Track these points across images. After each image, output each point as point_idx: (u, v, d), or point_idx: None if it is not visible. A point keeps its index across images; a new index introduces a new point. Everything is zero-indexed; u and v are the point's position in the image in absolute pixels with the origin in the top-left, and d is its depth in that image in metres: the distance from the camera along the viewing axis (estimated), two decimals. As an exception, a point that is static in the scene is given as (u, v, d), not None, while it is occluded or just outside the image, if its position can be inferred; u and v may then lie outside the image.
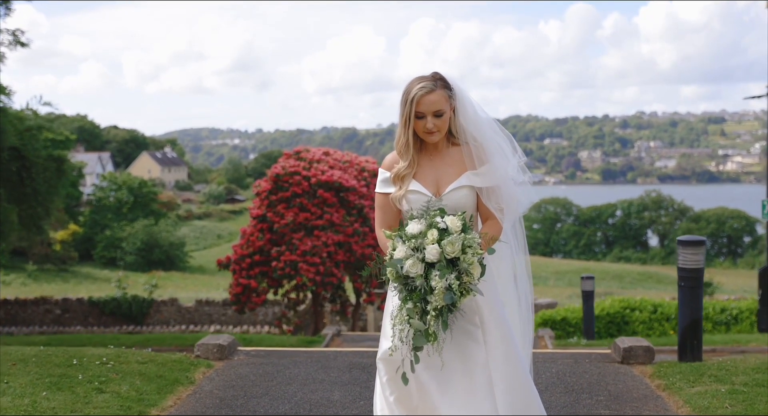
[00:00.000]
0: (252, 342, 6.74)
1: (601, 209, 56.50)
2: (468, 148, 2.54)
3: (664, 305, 9.97)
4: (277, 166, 10.87)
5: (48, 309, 17.20)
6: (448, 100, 2.49)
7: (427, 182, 2.54)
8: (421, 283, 2.27)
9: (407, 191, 2.53)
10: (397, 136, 2.56)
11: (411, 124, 2.49)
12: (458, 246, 2.27)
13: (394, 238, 2.37)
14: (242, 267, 10.44)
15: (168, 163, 68.34)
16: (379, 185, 2.62)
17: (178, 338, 6.88)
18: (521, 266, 2.71)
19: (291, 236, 10.27)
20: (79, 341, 7.07)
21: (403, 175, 2.54)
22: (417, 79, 2.51)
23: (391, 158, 2.63)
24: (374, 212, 3.07)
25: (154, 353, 4.75)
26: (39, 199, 14.40)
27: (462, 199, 2.51)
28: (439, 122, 2.48)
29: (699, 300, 4.58)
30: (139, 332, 15.09)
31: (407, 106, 2.47)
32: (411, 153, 2.54)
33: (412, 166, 2.55)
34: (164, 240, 34.00)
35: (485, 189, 2.52)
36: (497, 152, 2.55)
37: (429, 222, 2.34)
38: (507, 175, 2.54)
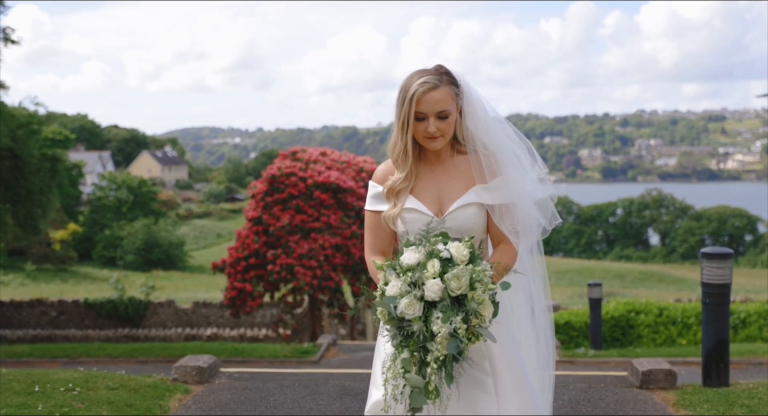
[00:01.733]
0: (244, 352, 6.52)
1: (602, 208, 56.36)
2: (477, 158, 2.09)
3: (670, 308, 9.75)
4: (273, 167, 10.63)
5: (43, 311, 16.99)
6: (454, 99, 2.05)
7: (427, 198, 2.10)
8: (420, 328, 1.82)
9: (403, 209, 2.09)
10: (392, 142, 2.11)
11: (409, 128, 2.04)
12: (465, 280, 1.82)
13: (386, 270, 1.90)
14: (237, 271, 10.21)
15: (168, 162, 68.27)
16: (370, 201, 2.17)
17: (166, 348, 6.65)
18: (539, 297, 2.24)
19: (287, 239, 10.04)
20: (63, 351, 6.84)
21: (399, 190, 2.10)
22: (417, 72, 2.05)
23: (384, 168, 2.17)
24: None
25: (127, 376, 4.34)
26: (34, 198, 14.20)
27: (469, 220, 2.06)
28: (443, 125, 2.03)
29: (725, 319, 4.13)
30: (134, 335, 14.88)
31: (405, 105, 2.02)
32: (409, 162, 2.09)
33: (410, 178, 2.11)
34: (164, 240, 33.86)
35: (497, 207, 2.07)
36: (512, 162, 2.10)
37: (429, 251, 1.88)
38: (524, 190, 2.10)
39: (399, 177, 2.11)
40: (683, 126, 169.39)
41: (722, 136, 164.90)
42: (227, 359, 6.28)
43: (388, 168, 2.17)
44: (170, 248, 33.91)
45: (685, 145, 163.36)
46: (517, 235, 2.10)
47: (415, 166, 2.12)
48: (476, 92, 2.12)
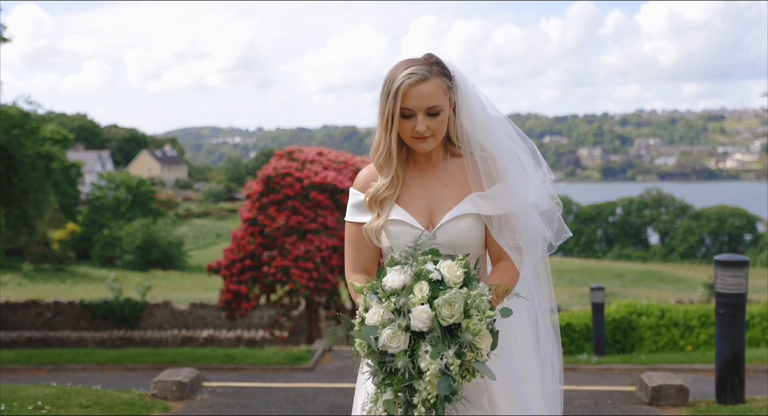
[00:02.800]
0: (236, 359, 6.37)
1: (602, 207, 56.35)
2: (473, 161, 1.80)
3: (672, 310, 9.63)
4: (269, 167, 10.47)
5: (39, 312, 16.85)
6: (446, 93, 1.76)
7: (415, 208, 1.81)
8: (405, 364, 1.52)
9: (388, 221, 1.80)
10: (375, 143, 1.82)
11: (394, 126, 1.75)
12: (459, 307, 1.53)
13: (367, 294, 1.61)
14: (232, 273, 10.06)
15: (168, 162, 68.27)
16: (350, 211, 1.88)
17: (155, 354, 6.48)
18: (545, 323, 1.93)
19: (283, 240, 9.89)
20: (50, 358, 6.65)
21: (383, 198, 1.81)
22: (404, 62, 1.77)
23: (366, 174, 1.88)
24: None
25: (103, 392, 4.08)
26: (29, 199, 14.04)
27: (464, 234, 1.77)
28: (433, 123, 1.75)
29: (741, 331, 3.85)
30: (129, 337, 14.75)
31: (390, 99, 1.73)
32: (393, 166, 1.80)
33: (395, 184, 1.81)
34: (162, 240, 33.77)
35: (495, 219, 1.77)
36: (514, 166, 1.81)
37: (417, 271, 1.58)
38: (527, 199, 1.80)
39: (383, 183, 1.82)
40: (682, 125, 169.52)
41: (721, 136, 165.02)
42: (218, 366, 6.14)
43: (370, 173, 1.88)
44: (169, 248, 33.83)
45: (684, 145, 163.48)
46: (519, 252, 1.80)
47: (401, 170, 1.83)
48: (472, 85, 1.82)
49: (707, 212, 51.55)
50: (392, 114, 1.76)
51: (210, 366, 6.15)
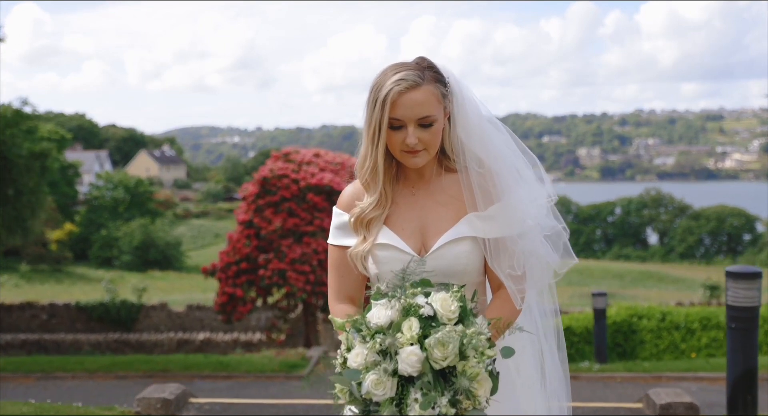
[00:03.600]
0: (229, 366, 6.24)
1: (601, 207, 56.37)
2: (469, 177, 1.61)
3: (673, 313, 9.53)
4: (265, 169, 10.35)
5: (34, 314, 16.73)
6: (440, 101, 1.58)
7: (406, 231, 1.62)
8: (392, 415, 1.33)
9: (375, 245, 1.61)
10: (361, 157, 1.62)
11: (382, 138, 1.56)
12: (454, 348, 1.33)
13: (349, 331, 1.41)
14: (228, 276, 9.95)
15: (166, 162, 68.28)
16: (333, 233, 1.70)
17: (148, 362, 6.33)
18: (552, 358, 1.73)
19: (279, 243, 9.77)
20: (38, 365, 6.47)
21: (369, 219, 1.62)
22: (393, 67, 1.59)
23: (352, 191, 1.69)
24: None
25: (84, 409, 3.88)
26: (23, 199, 13.92)
27: (461, 259, 1.58)
28: (426, 135, 1.56)
29: (754, 346, 3.64)
30: (125, 340, 14.63)
31: (377, 109, 1.55)
32: (381, 183, 1.61)
33: (383, 204, 1.63)
34: (160, 240, 33.70)
35: (492, 242, 1.58)
36: (515, 183, 1.61)
37: (405, 306, 1.38)
38: (529, 221, 1.61)
39: (369, 202, 1.62)
40: (681, 125, 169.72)
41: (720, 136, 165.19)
42: (211, 373, 6.01)
43: (356, 191, 1.68)
44: (167, 248, 33.75)
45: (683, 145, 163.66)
46: (518, 281, 1.59)
47: (390, 187, 1.64)
48: (469, 92, 1.64)
49: (706, 212, 51.55)
50: (379, 125, 1.57)
51: (203, 373, 6.02)
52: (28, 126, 14.17)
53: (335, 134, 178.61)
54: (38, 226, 17.03)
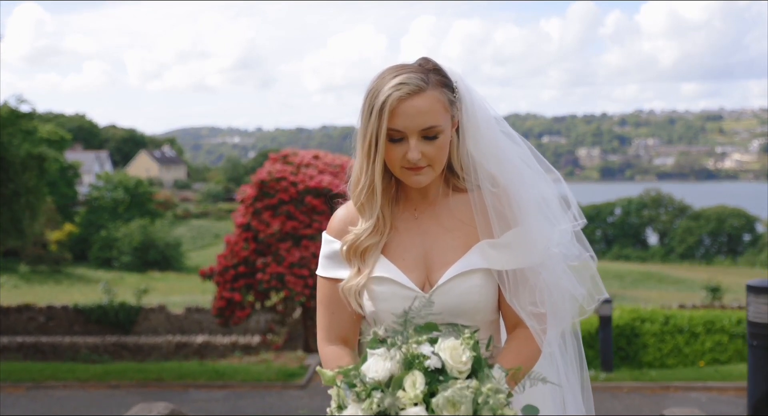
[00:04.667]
0: (225, 375, 6.12)
1: (600, 207, 56.43)
2: (481, 198, 1.38)
3: (676, 316, 9.43)
4: (263, 171, 10.24)
5: (32, 317, 16.65)
6: (447, 110, 1.35)
7: (408, 262, 1.38)
8: None
9: (371, 279, 1.37)
10: (355, 175, 1.41)
11: (379, 153, 1.34)
12: (467, 409, 1.11)
13: (341, 387, 1.20)
14: (226, 280, 9.84)
15: (166, 162, 68.39)
16: (323, 264, 1.46)
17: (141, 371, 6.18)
18: (576, 407, 1.49)
19: (277, 246, 9.66)
20: (29, 374, 6.31)
21: (365, 248, 1.39)
22: (392, 69, 1.36)
23: (344, 214, 1.47)
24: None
25: None
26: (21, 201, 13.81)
27: (472, 296, 1.34)
28: (431, 149, 1.34)
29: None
30: (123, 343, 14.53)
31: (373, 118, 1.33)
32: (378, 206, 1.38)
33: (381, 229, 1.40)
34: (160, 241, 33.71)
35: (511, 274, 1.35)
36: (535, 205, 1.39)
37: (408, 357, 1.16)
38: (551, 249, 1.37)
39: (365, 228, 1.39)
40: (681, 125, 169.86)
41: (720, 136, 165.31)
42: (207, 382, 5.89)
43: (349, 214, 1.45)
44: (166, 249, 33.76)
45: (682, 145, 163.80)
46: (541, 319, 1.35)
47: (388, 210, 1.40)
48: (480, 99, 1.41)
49: (706, 213, 51.54)
50: (376, 137, 1.33)
51: (198, 382, 5.90)
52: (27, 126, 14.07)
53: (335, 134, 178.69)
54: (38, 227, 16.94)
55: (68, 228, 35.40)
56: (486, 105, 1.42)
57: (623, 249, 52.07)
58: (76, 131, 57.23)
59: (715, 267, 40.61)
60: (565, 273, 1.40)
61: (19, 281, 28.05)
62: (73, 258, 33.48)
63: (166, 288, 25.58)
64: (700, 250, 50.19)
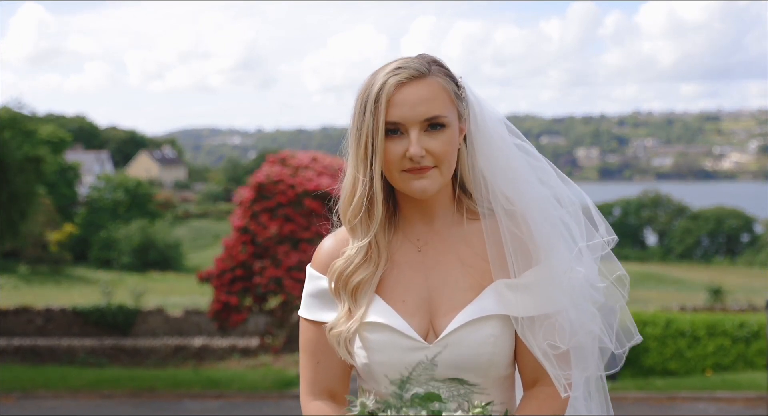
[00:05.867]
0: (220, 384, 6.02)
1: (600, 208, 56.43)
2: (495, 225, 1.17)
3: (678, 320, 9.38)
4: (261, 174, 10.16)
5: (30, 319, 16.57)
6: (453, 102, 1.17)
7: (408, 304, 1.16)
8: None
9: (363, 324, 1.15)
10: (346, 189, 1.19)
11: (378, 153, 1.14)
12: None
13: None
14: (223, 283, 9.76)
15: (167, 163, 68.59)
16: (307, 303, 1.24)
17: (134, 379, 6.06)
18: None
19: (275, 249, 9.58)
20: (19, 383, 6.17)
21: (357, 283, 1.16)
22: (389, 63, 1.19)
23: (331, 245, 1.24)
24: None
25: None
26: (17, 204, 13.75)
27: (485, 348, 1.12)
28: (436, 144, 1.14)
29: None
30: (120, 346, 14.46)
31: (368, 113, 1.14)
32: (377, 221, 1.16)
33: (375, 259, 1.17)
34: (160, 241, 33.74)
35: (529, 321, 1.13)
36: (557, 235, 1.17)
37: None
38: (576, 286, 1.15)
39: (355, 256, 1.15)
40: (679, 126, 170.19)
41: (718, 136, 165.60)
42: (201, 392, 5.78)
43: (338, 245, 1.22)
44: (166, 249, 33.79)
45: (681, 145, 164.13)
46: (564, 362, 1.14)
47: (384, 237, 1.17)
48: (488, 105, 1.22)
49: (705, 213, 51.62)
50: (373, 134, 1.12)
51: (192, 391, 5.78)
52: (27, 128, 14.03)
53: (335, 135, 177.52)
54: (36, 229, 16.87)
55: (68, 228, 35.38)
56: (496, 113, 1.22)
57: (622, 249, 52.10)
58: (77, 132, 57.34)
59: (713, 267, 40.67)
60: (589, 313, 1.19)
61: (18, 282, 27.99)
62: (73, 259, 33.49)
63: (166, 289, 25.52)
64: (698, 250, 50.28)
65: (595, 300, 1.19)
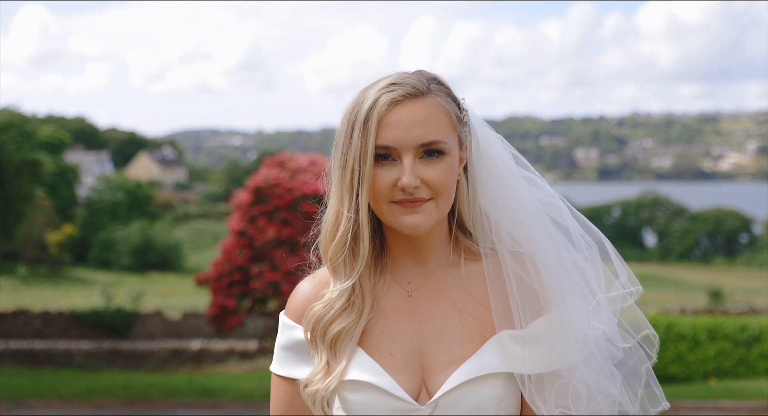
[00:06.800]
0: (215, 393, 5.96)
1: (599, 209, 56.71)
2: (498, 267, 1.02)
3: (679, 323, 9.32)
4: (259, 177, 10.11)
5: (27, 322, 16.51)
6: (454, 128, 1.02)
7: (396, 359, 1.01)
8: None
9: (344, 382, 1.00)
10: (329, 222, 1.06)
11: (366, 181, 1.00)
12: None
13: None
14: (221, 287, 9.71)
15: (167, 163, 68.74)
16: (279, 357, 1.09)
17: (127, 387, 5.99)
18: None
19: (273, 253, 9.53)
20: (9, 392, 6.06)
21: (337, 333, 1.01)
22: (381, 80, 1.05)
23: (309, 289, 1.10)
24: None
25: None
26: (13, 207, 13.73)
27: (487, 412, 0.98)
28: (433, 174, 1.00)
29: None
30: (118, 349, 14.40)
31: (355, 136, 1.00)
32: (362, 260, 1.03)
33: (359, 305, 1.03)
34: (160, 242, 33.77)
35: (537, 381, 0.98)
36: (570, 281, 1.02)
37: None
38: (591, 340, 1.00)
39: (338, 297, 1.01)
40: (678, 127, 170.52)
41: (717, 137, 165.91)
42: (196, 401, 5.72)
43: (316, 289, 1.08)
44: (166, 250, 33.81)
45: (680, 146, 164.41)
46: None
47: (369, 280, 1.03)
48: (491, 132, 1.07)
49: (704, 214, 51.67)
50: (361, 159, 0.98)
51: (186, 401, 5.72)
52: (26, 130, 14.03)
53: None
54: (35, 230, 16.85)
55: (67, 230, 35.38)
56: (500, 141, 1.07)
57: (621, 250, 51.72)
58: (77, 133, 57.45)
59: (712, 268, 40.73)
60: (607, 371, 1.02)
61: (18, 284, 27.94)
62: (72, 260, 33.49)
63: (166, 290, 25.49)
64: (697, 251, 50.34)
65: (614, 356, 1.03)
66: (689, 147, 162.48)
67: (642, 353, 1.06)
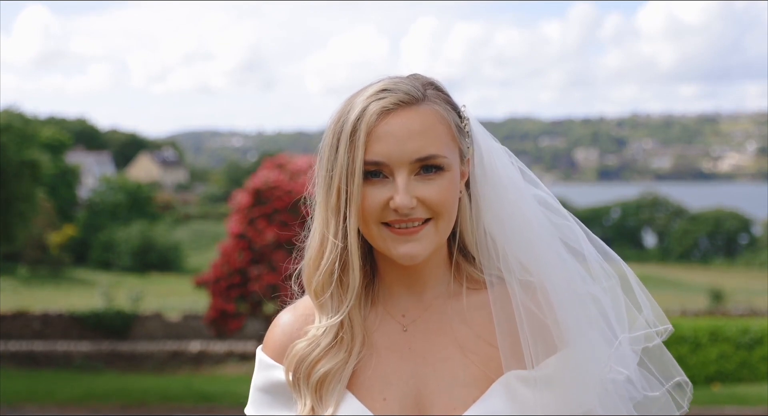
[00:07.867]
0: (213, 398, 5.92)
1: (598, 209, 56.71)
2: (505, 298, 0.90)
3: (679, 325, 9.27)
4: (258, 179, 10.08)
5: (26, 323, 16.48)
6: (455, 139, 0.91)
7: (389, 403, 0.89)
8: None
9: None
10: (314, 249, 0.93)
11: (354, 201, 0.88)
12: None
13: None
14: (220, 290, 9.68)
15: (167, 164, 68.88)
16: (255, 399, 0.96)
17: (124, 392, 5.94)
18: None
19: (272, 256, 9.50)
20: (4, 396, 6.05)
21: (323, 375, 0.88)
22: (371, 86, 0.93)
23: (289, 323, 0.96)
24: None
25: None
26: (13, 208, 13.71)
27: None
28: (431, 192, 0.88)
29: None
30: (117, 351, 14.38)
31: (341, 149, 0.89)
32: (349, 299, 0.89)
33: (348, 343, 0.90)
34: (160, 243, 33.81)
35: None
36: (590, 320, 0.90)
37: None
38: (610, 383, 0.89)
39: (324, 334, 0.89)
40: (678, 127, 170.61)
41: (716, 138, 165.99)
42: (193, 406, 5.68)
43: (297, 320, 0.94)
44: (166, 251, 33.86)
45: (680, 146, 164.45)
46: None
47: (359, 314, 0.90)
48: (496, 143, 0.95)
49: (703, 214, 51.66)
50: (348, 177, 0.86)
51: (184, 406, 5.68)
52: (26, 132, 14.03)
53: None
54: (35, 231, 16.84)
55: (68, 230, 35.39)
56: (506, 152, 0.95)
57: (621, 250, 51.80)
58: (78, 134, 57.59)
59: (712, 268, 40.72)
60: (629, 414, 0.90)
61: (18, 285, 27.93)
62: (73, 261, 33.52)
63: (166, 291, 25.49)
64: (697, 252, 50.34)
65: (633, 397, 0.91)
66: (689, 147, 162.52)
67: (669, 401, 0.93)
